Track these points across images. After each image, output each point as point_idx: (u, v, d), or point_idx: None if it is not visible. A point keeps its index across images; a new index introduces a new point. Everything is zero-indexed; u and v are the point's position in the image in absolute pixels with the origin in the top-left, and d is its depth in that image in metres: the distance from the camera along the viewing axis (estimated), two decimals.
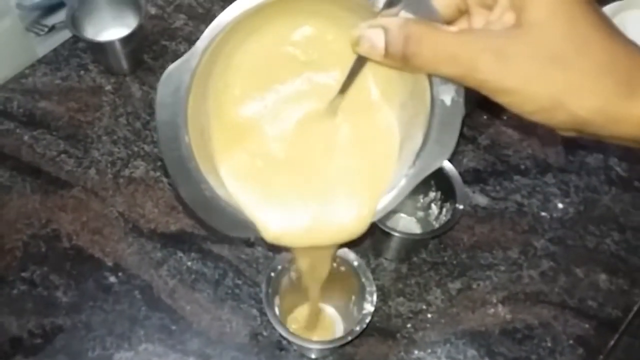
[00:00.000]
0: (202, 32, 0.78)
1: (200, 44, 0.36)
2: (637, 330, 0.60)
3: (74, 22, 0.71)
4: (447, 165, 0.58)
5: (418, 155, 0.39)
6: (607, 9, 0.76)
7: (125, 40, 0.70)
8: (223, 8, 0.86)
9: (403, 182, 0.40)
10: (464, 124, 0.38)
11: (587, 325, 0.59)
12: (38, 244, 0.62)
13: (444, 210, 0.59)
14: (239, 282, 0.61)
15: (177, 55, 0.74)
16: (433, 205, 0.61)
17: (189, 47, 0.81)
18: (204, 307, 0.60)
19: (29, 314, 0.59)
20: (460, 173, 0.58)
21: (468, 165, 0.69)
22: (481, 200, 0.66)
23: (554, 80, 0.30)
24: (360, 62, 0.37)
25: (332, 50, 0.40)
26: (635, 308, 0.60)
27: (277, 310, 0.53)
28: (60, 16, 0.74)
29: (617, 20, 0.75)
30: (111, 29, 0.75)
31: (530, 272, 0.62)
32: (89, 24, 0.73)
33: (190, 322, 0.59)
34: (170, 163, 0.39)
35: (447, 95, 0.37)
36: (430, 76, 0.36)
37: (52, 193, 0.66)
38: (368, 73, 0.39)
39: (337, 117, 0.41)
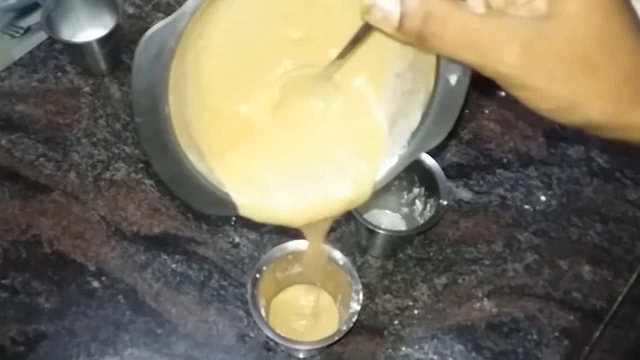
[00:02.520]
0: None
1: (192, 3, 0.32)
2: (622, 321, 0.61)
3: (49, 23, 0.69)
4: (430, 161, 0.58)
5: (414, 133, 0.38)
6: None
7: (103, 41, 0.69)
8: None
9: (395, 160, 0.39)
10: (465, 104, 0.36)
11: (572, 317, 0.60)
12: (18, 250, 0.61)
13: (428, 205, 0.59)
14: (225, 283, 0.60)
15: None
16: (417, 202, 0.61)
17: None
18: (189, 309, 0.59)
19: (10, 322, 0.58)
20: (443, 168, 0.58)
21: (451, 160, 0.69)
22: (465, 194, 0.66)
23: (578, 84, 0.29)
24: (366, 30, 0.33)
25: (329, 23, 0.36)
26: (619, 299, 0.61)
27: (263, 311, 0.53)
28: (35, 17, 0.72)
29: None
30: (88, 29, 0.73)
31: (515, 265, 0.62)
32: (64, 25, 0.72)
33: (176, 325, 0.58)
34: (146, 136, 0.35)
35: (453, 75, 0.34)
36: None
37: (31, 198, 0.65)
38: (362, 46, 0.36)
39: (328, 88, 0.39)
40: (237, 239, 0.62)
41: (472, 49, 0.29)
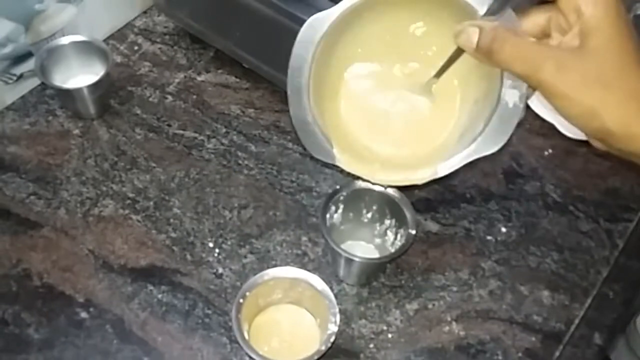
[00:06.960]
0: (166, 78, 0.85)
1: (345, 3, 0.52)
2: (579, 340, 0.65)
3: (42, 70, 0.74)
4: (399, 195, 0.63)
5: (475, 139, 0.52)
6: None
7: (93, 87, 0.74)
8: (185, 56, 0.92)
9: (459, 158, 0.54)
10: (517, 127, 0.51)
11: (533, 338, 0.64)
12: (9, 284, 0.64)
13: (399, 235, 0.64)
14: (209, 312, 0.63)
15: (142, 100, 0.79)
16: (389, 232, 0.66)
17: (155, 92, 0.86)
18: (175, 337, 0.62)
19: (0, 352, 0.60)
20: (412, 203, 0.63)
21: (420, 195, 0.74)
22: (432, 226, 0.71)
23: (595, 94, 0.41)
24: (457, 53, 0.49)
25: (430, 59, 0.55)
26: (576, 321, 0.66)
27: (246, 334, 0.56)
28: (28, 65, 0.77)
29: None
30: (79, 75, 0.78)
31: (480, 291, 0.67)
32: (56, 72, 0.76)
33: (162, 353, 0.61)
34: (291, 88, 0.54)
35: (511, 99, 0.48)
36: (502, 80, 0.49)
37: (22, 233, 0.67)
38: (454, 74, 0.53)
39: (426, 96, 0.56)
40: (220, 270, 0.66)
41: (522, 61, 0.42)
